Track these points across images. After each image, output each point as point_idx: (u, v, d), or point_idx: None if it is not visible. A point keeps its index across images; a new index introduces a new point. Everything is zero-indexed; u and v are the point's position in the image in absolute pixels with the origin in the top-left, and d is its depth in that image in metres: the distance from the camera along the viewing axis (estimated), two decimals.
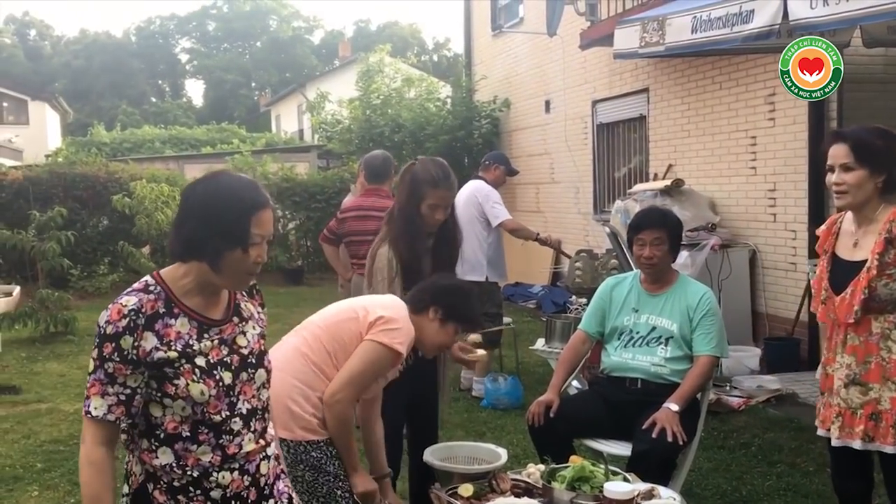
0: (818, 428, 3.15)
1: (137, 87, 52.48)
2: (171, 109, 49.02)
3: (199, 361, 1.98)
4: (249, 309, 2.17)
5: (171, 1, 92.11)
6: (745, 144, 7.44)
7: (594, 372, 4.40)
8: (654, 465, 3.32)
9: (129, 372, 1.93)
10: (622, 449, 3.63)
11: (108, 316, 1.94)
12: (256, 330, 2.16)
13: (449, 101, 14.01)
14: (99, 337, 1.93)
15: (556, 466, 2.95)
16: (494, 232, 6.28)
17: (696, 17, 5.64)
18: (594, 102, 10.11)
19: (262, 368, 2.12)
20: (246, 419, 2.06)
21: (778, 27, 4.97)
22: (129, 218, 11.88)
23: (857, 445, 2.96)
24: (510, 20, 12.66)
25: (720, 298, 6.03)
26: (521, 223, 6.95)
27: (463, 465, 3.18)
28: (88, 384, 1.95)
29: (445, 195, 3.52)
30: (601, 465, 2.92)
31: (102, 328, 1.93)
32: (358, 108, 13.79)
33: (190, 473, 2.00)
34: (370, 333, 2.78)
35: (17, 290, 10.88)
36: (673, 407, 3.49)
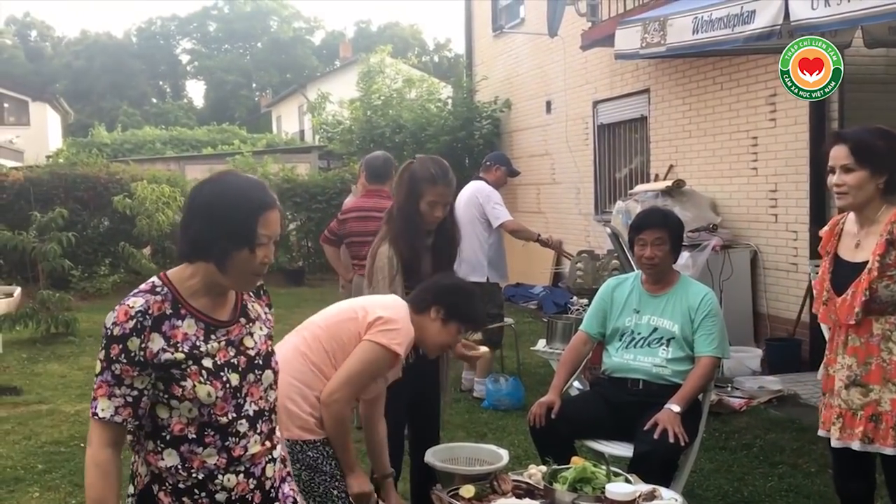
0: (819, 429, 3.15)
1: (138, 87, 52.49)
2: (171, 110, 49.07)
3: (206, 363, 1.98)
4: (256, 310, 2.16)
5: (171, 2, 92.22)
6: (746, 145, 7.43)
7: (595, 373, 4.40)
8: (655, 466, 3.31)
9: (136, 374, 1.92)
10: (623, 450, 3.62)
11: (114, 317, 1.93)
12: (263, 331, 2.15)
13: (450, 101, 13.99)
14: (106, 338, 1.92)
15: (557, 467, 2.94)
16: (495, 233, 6.28)
17: (697, 17, 5.63)
18: (595, 103, 10.10)
19: (269, 369, 2.11)
20: (252, 421, 2.05)
21: (779, 28, 4.96)
22: (130, 219, 11.88)
23: (856, 447, 2.96)
24: (511, 21, 12.65)
25: (721, 299, 6.01)
26: (521, 224, 6.95)
27: (464, 466, 3.17)
28: (95, 385, 1.93)
29: (444, 192, 3.52)
30: (603, 466, 2.91)
31: (109, 330, 1.92)
32: (359, 108, 13.78)
33: (195, 476, 1.99)
34: (368, 334, 2.78)
35: (17, 290, 10.88)
36: (674, 408, 3.49)
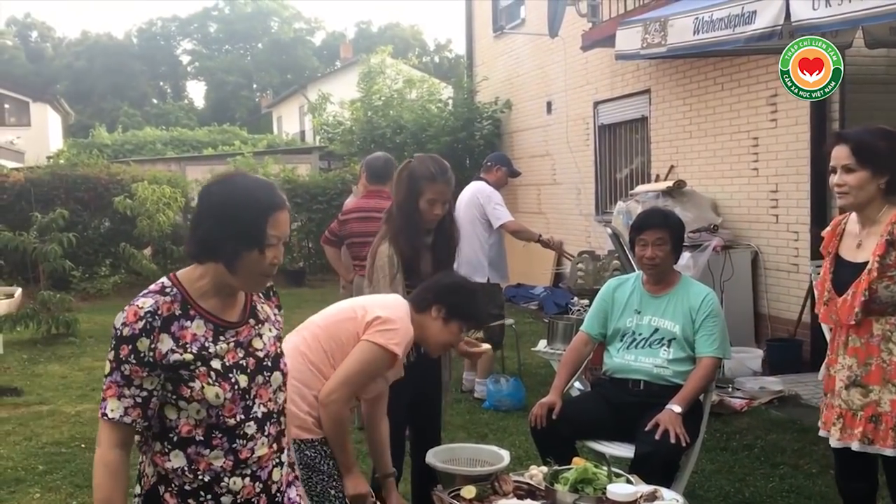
0: (821, 429, 3.15)
1: (139, 88, 52.50)
2: (172, 111, 49.07)
3: (214, 364, 1.97)
4: (266, 311, 2.16)
5: (172, 2, 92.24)
6: (746, 145, 7.43)
7: (596, 373, 4.40)
8: (657, 466, 3.31)
9: (145, 374, 1.92)
10: (625, 450, 3.62)
11: (124, 318, 1.93)
12: (273, 332, 2.14)
13: (450, 102, 13.99)
14: (115, 339, 1.92)
15: (558, 468, 2.94)
16: (496, 233, 6.27)
17: (697, 18, 5.63)
18: (596, 103, 10.10)
19: (278, 371, 2.11)
20: (261, 423, 2.05)
21: (780, 28, 4.96)
22: (130, 219, 11.89)
23: (855, 447, 2.96)
24: (512, 21, 12.65)
25: (722, 300, 6.01)
26: (523, 225, 6.94)
27: (465, 466, 3.17)
28: (105, 386, 1.93)
29: (443, 189, 3.52)
30: (604, 466, 2.91)
31: (119, 330, 1.92)
32: (359, 109, 13.77)
33: (201, 478, 1.99)
34: (366, 334, 2.78)
35: (18, 291, 10.88)
36: (676, 408, 3.49)
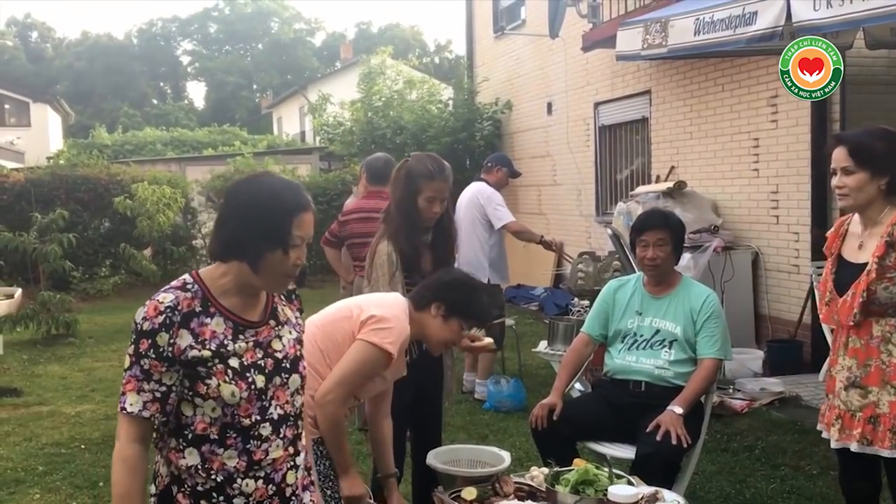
0: (823, 430, 3.14)
1: (139, 89, 52.49)
2: (172, 111, 49.05)
3: (232, 362, 1.97)
4: (286, 313, 2.16)
5: (172, 3, 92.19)
6: (747, 146, 7.42)
7: (597, 374, 4.39)
8: (658, 468, 3.30)
9: (164, 369, 1.92)
10: (626, 452, 3.62)
11: (144, 312, 1.94)
12: (293, 335, 2.14)
13: (451, 103, 13.98)
14: (135, 333, 1.93)
15: (559, 469, 2.92)
16: (496, 234, 6.26)
17: (698, 18, 5.62)
18: (596, 104, 10.09)
19: (296, 374, 2.11)
20: (276, 425, 2.04)
21: (781, 29, 4.96)
22: (130, 220, 11.87)
23: (854, 448, 2.96)
24: (512, 22, 12.65)
25: (722, 301, 6.00)
26: (524, 225, 6.94)
27: (466, 468, 3.16)
28: (124, 380, 1.94)
29: (442, 187, 3.52)
30: (605, 468, 2.90)
31: (139, 324, 1.93)
32: (359, 109, 13.76)
33: (214, 477, 1.99)
34: (361, 333, 2.76)
35: (18, 292, 10.88)
36: (677, 410, 3.48)
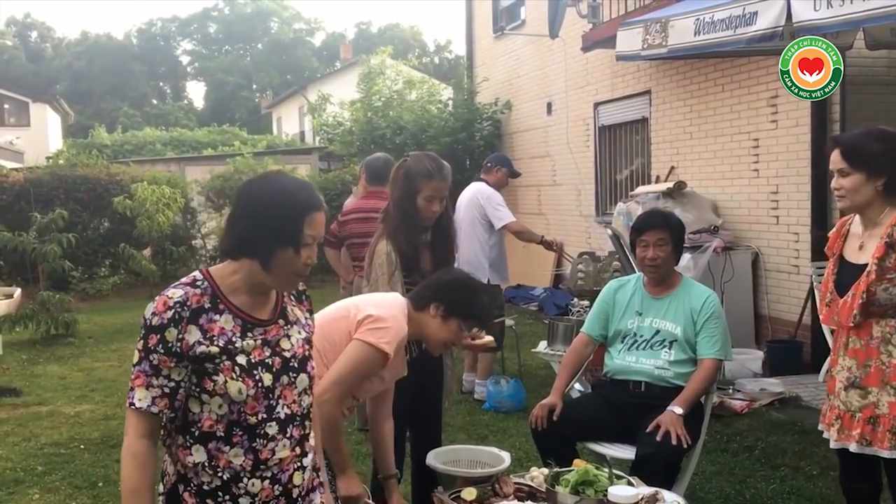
0: (824, 431, 3.14)
1: (138, 88, 52.49)
2: (172, 111, 49.04)
3: (240, 360, 1.98)
4: (296, 313, 2.16)
5: (172, 3, 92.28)
6: (747, 147, 7.42)
7: (597, 375, 4.39)
8: (658, 468, 3.30)
9: (173, 364, 1.93)
10: (625, 452, 3.61)
11: (154, 307, 1.95)
12: (302, 335, 2.14)
13: (450, 103, 13.98)
14: (144, 328, 1.94)
15: (559, 470, 2.92)
16: (496, 234, 6.26)
17: (698, 19, 5.62)
18: (596, 104, 10.09)
19: (304, 373, 2.11)
20: (283, 424, 2.05)
21: (781, 29, 4.95)
22: (130, 220, 11.86)
23: (853, 448, 2.96)
24: (512, 22, 12.65)
25: (722, 301, 5.99)
26: (525, 225, 6.95)
27: (465, 468, 3.16)
28: (133, 376, 1.95)
29: (441, 186, 3.53)
30: (605, 468, 2.90)
31: (148, 320, 1.94)
32: (359, 109, 13.76)
33: (220, 475, 2.00)
34: (358, 332, 2.75)
35: (17, 292, 10.87)
36: (677, 410, 3.48)
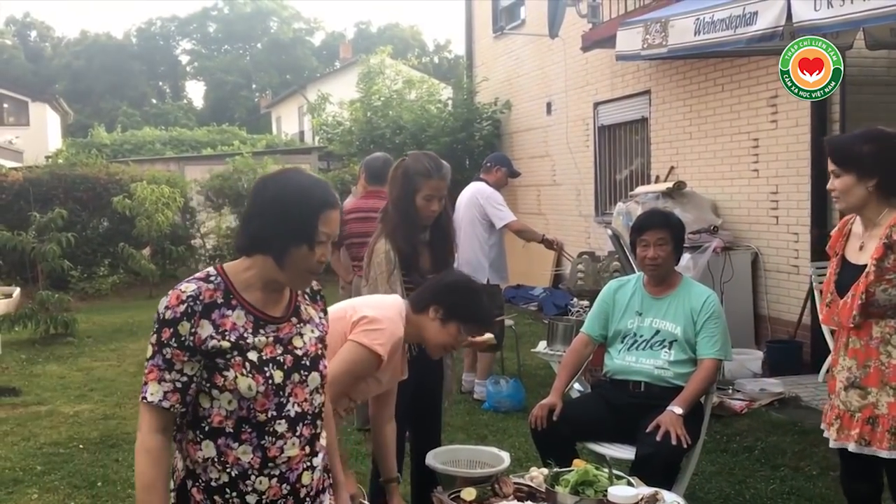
0: (825, 430, 3.14)
1: (138, 88, 52.45)
2: (171, 111, 49.01)
3: (251, 356, 1.98)
4: (310, 312, 2.16)
5: (171, 2, 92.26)
6: (747, 147, 7.42)
7: (596, 375, 4.38)
8: (658, 468, 3.30)
9: (185, 358, 1.94)
10: (625, 452, 3.61)
11: (167, 301, 1.96)
12: (315, 333, 2.14)
13: (450, 102, 13.98)
14: (158, 322, 1.95)
15: (559, 470, 2.92)
16: (496, 234, 6.25)
17: (698, 18, 5.62)
18: (596, 104, 10.09)
19: (316, 372, 2.11)
20: (293, 422, 2.04)
21: (781, 29, 4.95)
22: (129, 219, 11.87)
23: (852, 448, 2.96)
24: (512, 22, 12.64)
25: (722, 301, 5.97)
26: (526, 224, 6.95)
27: (465, 468, 3.15)
28: (146, 370, 1.95)
29: (440, 185, 3.53)
30: (605, 468, 2.89)
31: (161, 314, 1.95)
32: (359, 109, 13.75)
33: (228, 472, 2.00)
34: (352, 333, 2.75)
35: (17, 291, 10.87)
36: (677, 410, 3.48)
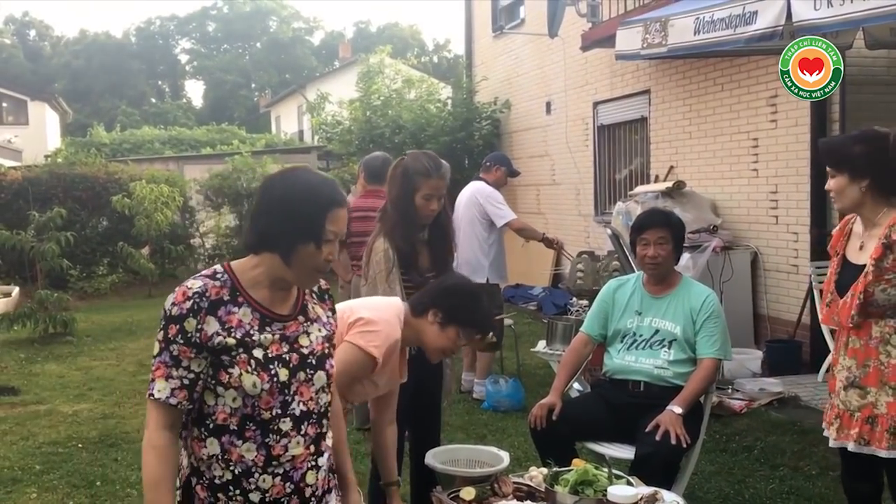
0: (825, 430, 3.14)
1: (137, 87, 52.44)
2: (170, 110, 48.99)
3: (256, 353, 1.98)
4: (317, 311, 2.16)
5: (170, 1, 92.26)
6: (746, 146, 7.42)
7: (596, 374, 4.38)
8: (657, 468, 3.29)
9: (192, 355, 1.94)
10: (624, 452, 3.61)
11: (173, 298, 1.96)
12: (322, 332, 2.14)
13: (449, 102, 13.97)
14: (164, 319, 1.95)
15: (558, 470, 2.91)
16: (495, 233, 6.25)
17: (698, 18, 5.62)
18: (595, 104, 10.09)
19: (322, 371, 2.10)
20: (297, 421, 2.04)
21: (781, 28, 4.95)
22: (128, 219, 11.86)
23: (851, 447, 2.97)
24: (511, 21, 12.64)
25: (721, 300, 5.96)
26: (527, 223, 6.96)
27: (464, 468, 3.15)
28: (153, 367, 1.96)
29: (439, 185, 3.54)
30: (604, 468, 2.89)
31: (168, 310, 1.95)
32: (358, 109, 13.74)
33: (232, 469, 2.00)
34: (348, 335, 2.74)
35: (16, 290, 10.87)
36: (676, 409, 3.47)
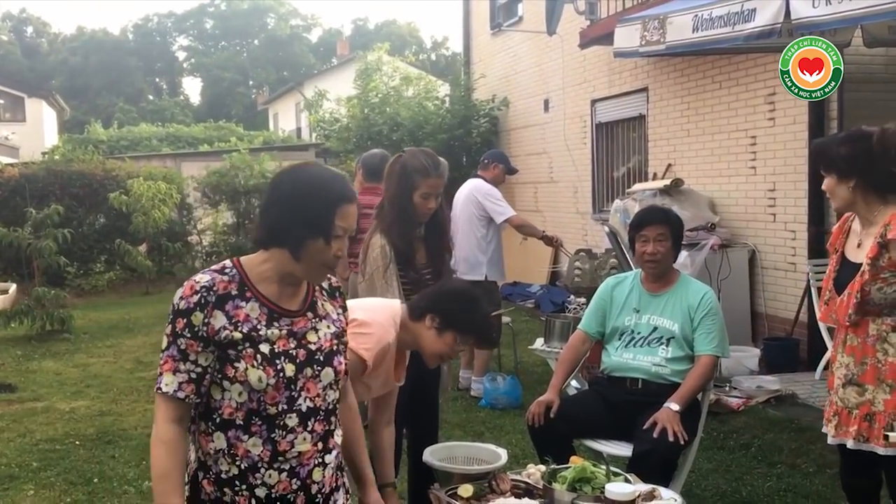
0: (824, 426, 3.15)
1: (135, 84, 52.40)
2: (168, 107, 48.94)
3: (263, 348, 1.98)
4: (327, 308, 2.15)
5: None
6: (744, 144, 7.42)
7: (594, 372, 4.38)
8: (655, 465, 3.30)
9: (199, 349, 1.95)
10: (622, 449, 3.61)
11: (181, 292, 1.97)
12: (331, 329, 2.13)
13: (447, 99, 13.97)
14: (172, 313, 1.96)
15: (556, 467, 2.91)
16: (493, 230, 6.24)
17: (697, 15, 5.61)
18: (593, 101, 10.08)
19: (329, 367, 2.10)
20: (304, 417, 2.04)
21: (779, 26, 4.95)
22: (125, 216, 11.85)
23: (849, 444, 2.98)
24: (509, 19, 12.63)
25: (719, 298, 5.97)
26: (526, 219, 6.96)
27: (462, 465, 3.14)
28: (161, 360, 1.96)
29: (437, 183, 3.54)
30: (602, 465, 2.89)
31: (176, 304, 1.96)
32: (356, 106, 13.74)
33: (238, 464, 2.00)
34: None
35: (13, 287, 10.85)
36: (674, 407, 3.48)
